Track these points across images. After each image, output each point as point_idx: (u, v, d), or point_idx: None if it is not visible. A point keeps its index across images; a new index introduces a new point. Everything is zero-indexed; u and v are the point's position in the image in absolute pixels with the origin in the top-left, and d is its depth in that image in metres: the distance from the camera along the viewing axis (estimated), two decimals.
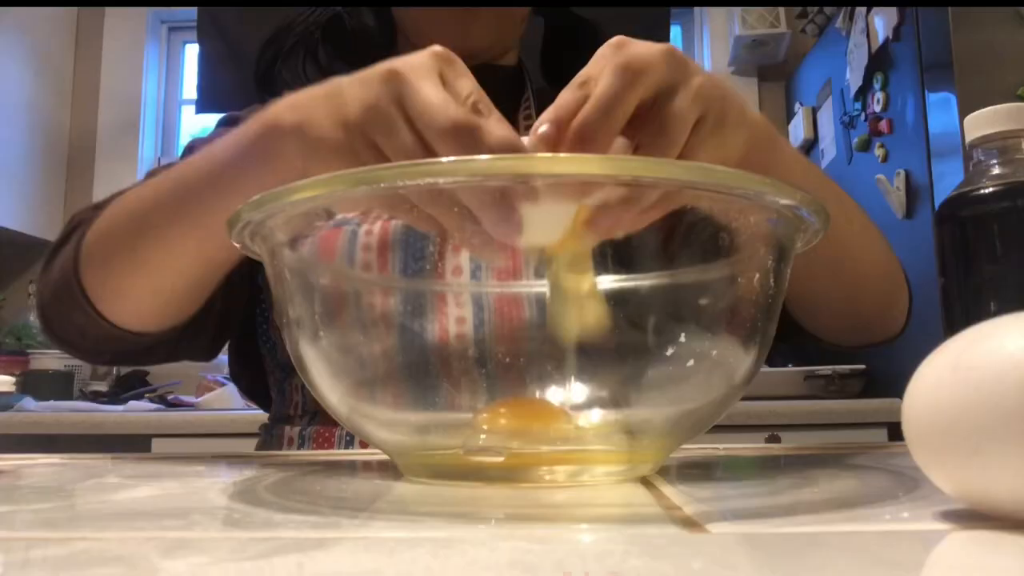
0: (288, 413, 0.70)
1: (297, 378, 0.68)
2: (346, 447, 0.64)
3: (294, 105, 0.43)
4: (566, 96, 0.36)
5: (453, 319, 0.45)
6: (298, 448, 0.66)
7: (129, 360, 0.65)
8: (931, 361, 0.24)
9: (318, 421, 0.67)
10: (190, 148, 0.70)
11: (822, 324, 0.64)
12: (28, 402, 1.69)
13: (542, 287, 0.43)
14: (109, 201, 0.59)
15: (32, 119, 2.19)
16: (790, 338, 0.66)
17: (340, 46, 0.75)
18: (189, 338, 0.62)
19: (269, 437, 0.72)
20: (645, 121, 0.36)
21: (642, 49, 0.36)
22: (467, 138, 0.34)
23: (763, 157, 0.47)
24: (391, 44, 0.76)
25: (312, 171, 0.41)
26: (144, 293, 0.55)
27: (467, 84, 0.37)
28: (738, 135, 0.42)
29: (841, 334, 0.65)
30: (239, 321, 0.70)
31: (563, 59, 0.81)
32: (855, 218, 0.59)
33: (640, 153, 0.36)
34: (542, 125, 0.35)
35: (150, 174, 0.63)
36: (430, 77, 0.36)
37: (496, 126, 0.35)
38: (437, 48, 0.38)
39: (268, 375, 0.74)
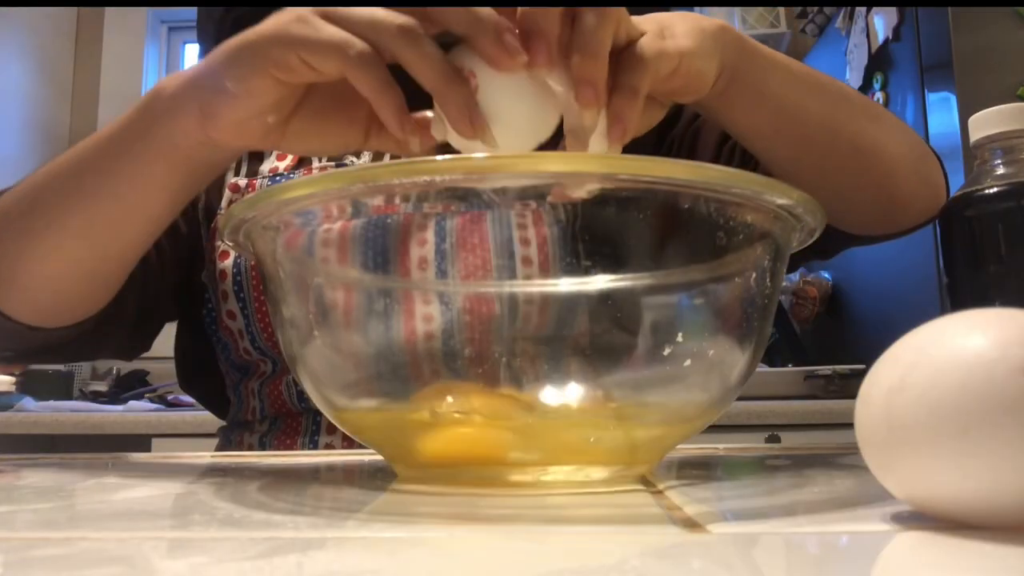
0: (246, 418, 0.67)
1: (253, 381, 0.66)
2: None
3: (201, 63, 0.42)
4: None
5: (421, 317, 0.45)
6: None
7: (35, 357, 0.59)
8: (880, 363, 0.24)
9: (279, 428, 0.64)
10: None
11: (858, 218, 0.61)
12: (28, 402, 1.69)
13: (541, 287, 0.43)
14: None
15: (32, 119, 2.19)
16: (827, 251, 0.64)
17: None
18: (102, 334, 0.57)
19: (227, 442, 0.69)
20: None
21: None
22: (414, 34, 0.36)
23: (746, 63, 0.47)
24: None
25: (214, 113, 0.41)
26: (35, 283, 0.50)
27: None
28: (704, 46, 0.42)
29: (878, 224, 0.62)
30: (163, 322, 0.67)
31: None
32: (863, 108, 0.58)
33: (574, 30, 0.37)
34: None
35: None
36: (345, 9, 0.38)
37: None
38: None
39: (224, 377, 0.70)
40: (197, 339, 0.69)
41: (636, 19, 0.40)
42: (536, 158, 0.31)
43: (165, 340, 0.70)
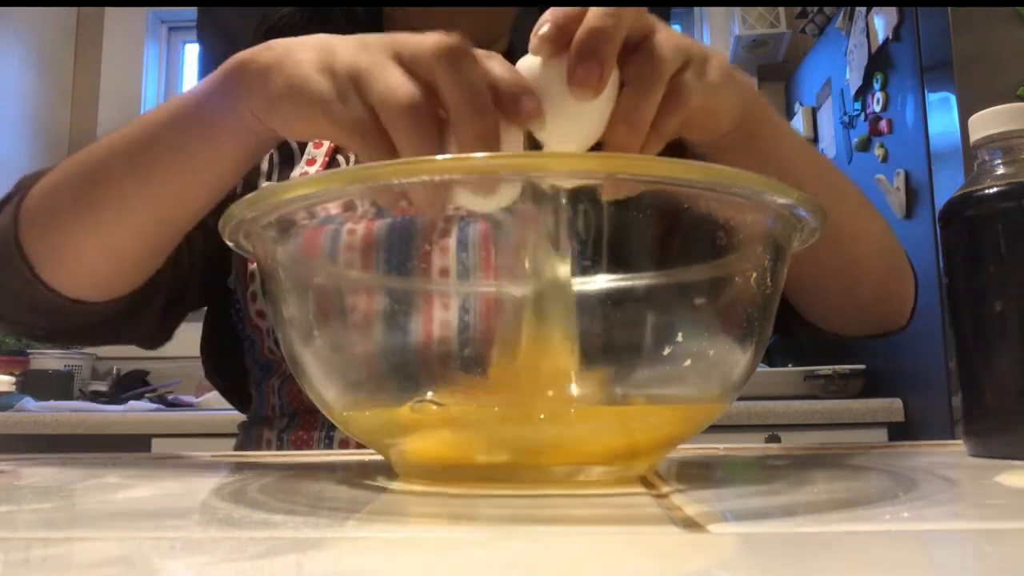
0: (266, 414, 0.69)
1: (274, 379, 0.67)
2: (325, 449, 0.63)
3: (271, 46, 0.42)
4: (563, 8, 0.37)
5: (438, 321, 0.45)
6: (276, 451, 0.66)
7: (66, 337, 0.60)
8: None
9: (297, 424, 0.66)
10: None
11: (821, 311, 0.62)
12: (28, 402, 1.69)
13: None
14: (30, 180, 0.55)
15: (32, 119, 2.19)
16: (789, 329, 0.65)
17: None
18: (133, 316, 0.58)
19: (247, 438, 0.71)
20: (630, 60, 0.38)
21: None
22: (458, 56, 0.36)
23: (760, 126, 0.48)
24: (379, 29, 0.76)
25: (283, 113, 0.41)
26: (91, 254, 0.51)
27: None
28: (728, 89, 0.43)
29: (841, 322, 0.63)
30: (187, 311, 0.68)
31: None
32: (852, 199, 0.58)
33: (627, 88, 0.38)
34: (543, 25, 0.36)
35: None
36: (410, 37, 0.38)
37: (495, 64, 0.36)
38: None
39: (248, 373, 0.72)
40: (224, 334, 0.71)
41: (670, 36, 0.40)
42: (536, 158, 0.31)
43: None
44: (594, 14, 0.36)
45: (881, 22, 1.55)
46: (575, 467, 0.32)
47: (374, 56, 0.38)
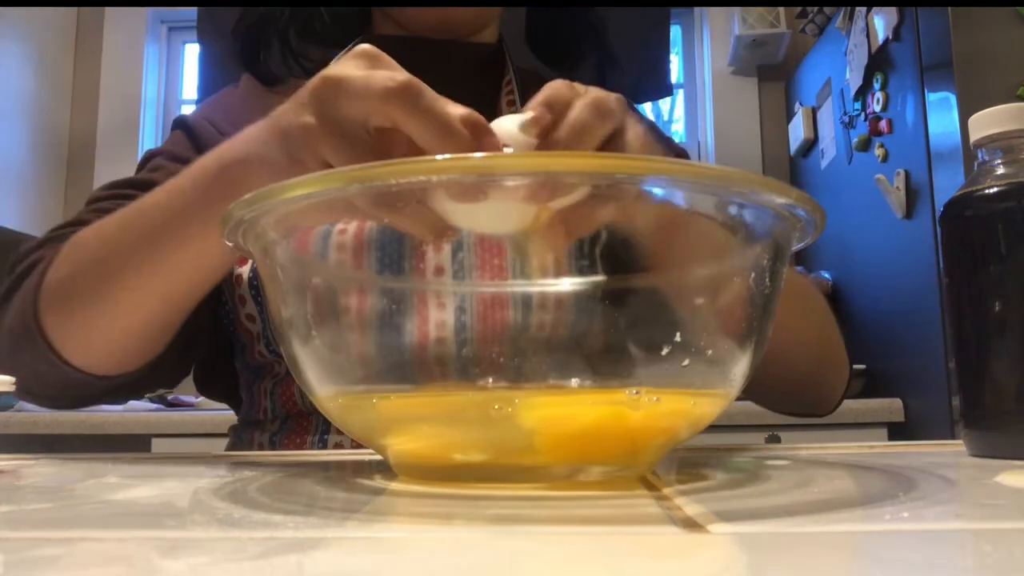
0: (258, 417, 0.68)
1: (267, 382, 0.67)
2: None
3: (247, 140, 0.44)
4: (558, 85, 0.38)
5: (434, 323, 0.45)
6: None
7: (91, 402, 0.62)
8: None
9: (289, 428, 0.65)
10: (147, 159, 0.69)
11: (749, 385, 0.63)
12: None
13: (541, 286, 0.43)
14: (63, 232, 0.57)
15: (32, 119, 2.19)
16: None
17: (309, 28, 0.75)
18: (151, 374, 0.60)
19: (238, 440, 0.70)
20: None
21: (600, 92, 0.39)
22: (414, 93, 0.36)
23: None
24: (367, 19, 0.75)
25: None
26: (110, 336, 0.53)
27: (394, 71, 0.39)
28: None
29: (770, 397, 0.66)
30: (204, 345, 0.68)
31: (548, 31, 0.81)
32: (794, 289, 0.59)
33: None
34: (535, 107, 0.37)
35: (97, 199, 0.61)
36: (358, 67, 0.38)
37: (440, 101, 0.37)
38: (363, 47, 0.40)
39: (239, 376, 0.72)
40: (211, 342, 0.70)
41: (637, 135, 0.41)
42: (535, 157, 0.31)
43: None
44: (583, 108, 0.38)
45: (881, 22, 1.55)
46: (575, 467, 0.32)
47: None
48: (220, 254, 0.49)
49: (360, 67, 0.38)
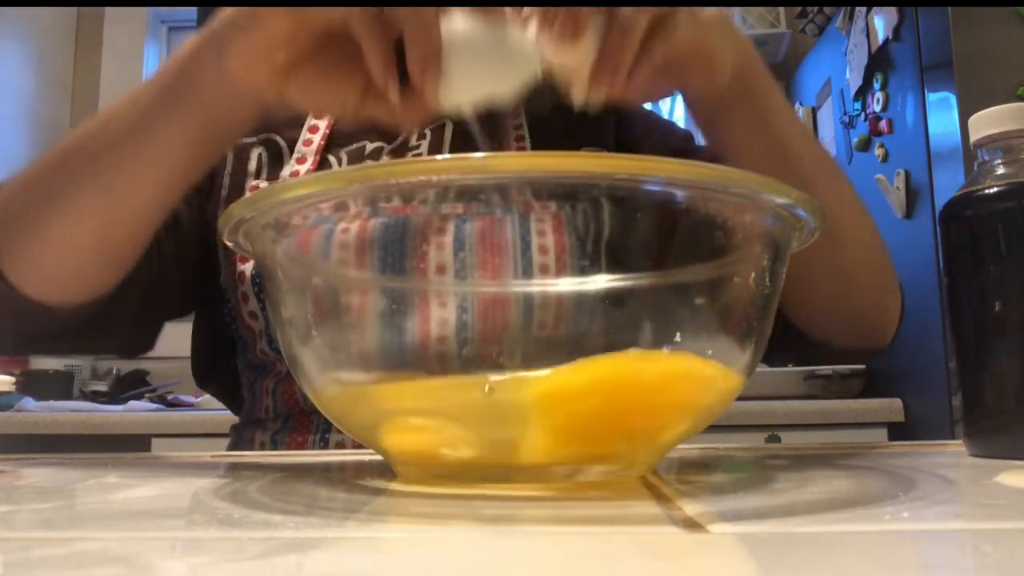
0: (259, 416, 0.68)
1: (268, 380, 0.67)
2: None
3: (202, 34, 0.45)
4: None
5: (436, 321, 0.45)
6: None
7: (36, 344, 0.60)
8: None
9: (291, 427, 0.65)
10: None
11: (810, 317, 0.61)
12: (28, 402, 1.69)
13: (546, 287, 0.43)
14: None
15: (32, 119, 2.19)
16: (777, 339, 0.64)
17: None
18: (102, 325, 0.58)
19: (240, 439, 0.70)
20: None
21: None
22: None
23: (758, 84, 0.50)
24: None
25: (228, 43, 0.43)
26: (53, 255, 0.50)
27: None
28: (723, 34, 0.46)
29: (832, 329, 0.63)
30: (165, 319, 0.67)
31: None
32: (848, 191, 0.58)
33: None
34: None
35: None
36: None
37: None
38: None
39: (240, 374, 0.71)
40: (213, 337, 0.70)
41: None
42: (534, 157, 0.31)
43: (166, 340, 0.71)
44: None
45: (881, 22, 1.55)
46: (575, 467, 0.32)
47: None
48: (161, 168, 0.48)
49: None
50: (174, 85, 0.46)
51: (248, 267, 0.64)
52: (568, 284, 0.45)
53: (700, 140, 0.63)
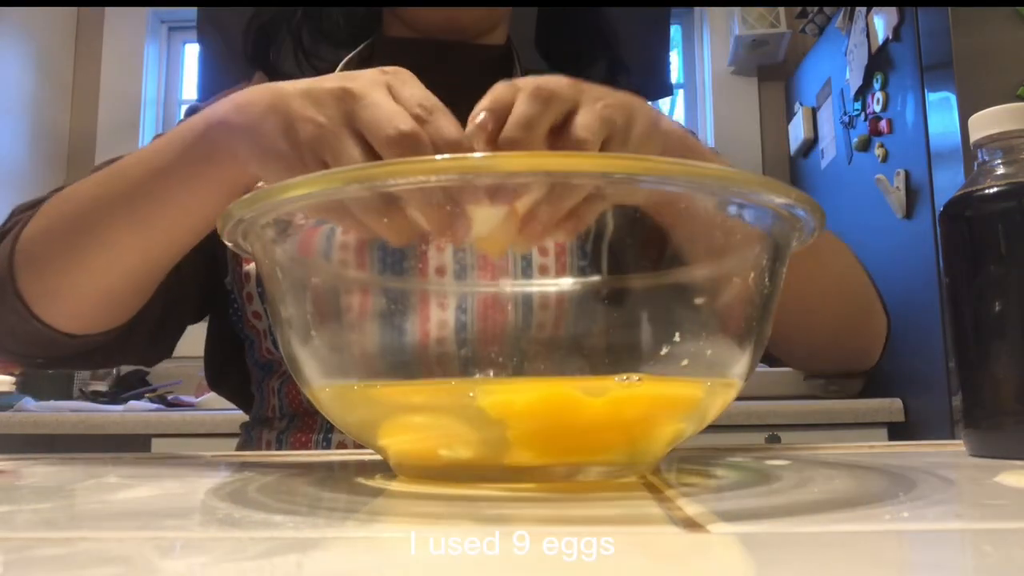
0: (267, 415, 0.69)
1: (274, 380, 0.67)
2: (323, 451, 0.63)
3: (241, 108, 0.43)
4: (500, 88, 0.38)
5: (436, 321, 0.45)
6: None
7: (63, 364, 0.62)
8: None
9: (295, 426, 0.66)
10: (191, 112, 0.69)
11: (782, 347, 0.62)
12: (28, 402, 1.69)
13: (546, 288, 0.43)
14: (49, 197, 0.56)
15: (32, 119, 2.19)
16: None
17: (322, 29, 0.75)
18: (124, 341, 0.59)
19: (248, 439, 0.71)
20: (558, 141, 0.38)
21: (541, 79, 0.39)
22: (413, 146, 0.36)
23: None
24: (377, 20, 0.76)
25: (263, 175, 0.43)
26: (84, 293, 0.53)
27: (416, 91, 0.39)
28: (650, 146, 0.43)
29: (801, 359, 0.64)
30: (184, 325, 0.68)
31: (557, 35, 0.81)
32: (829, 239, 0.58)
33: None
34: (479, 114, 0.37)
35: (95, 169, 0.60)
36: (378, 90, 0.38)
37: (445, 126, 0.37)
38: (384, 68, 0.41)
39: (251, 373, 0.72)
40: (225, 338, 0.71)
41: (591, 110, 0.40)
42: (534, 157, 0.31)
43: None
44: (523, 100, 0.37)
45: (881, 22, 1.54)
46: (575, 467, 0.32)
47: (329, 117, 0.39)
48: (197, 217, 0.49)
49: (381, 84, 0.39)
50: (207, 167, 0.46)
51: (253, 268, 0.65)
52: (568, 284, 0.45)
53: (699, 138, 0.62)
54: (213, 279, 0.68)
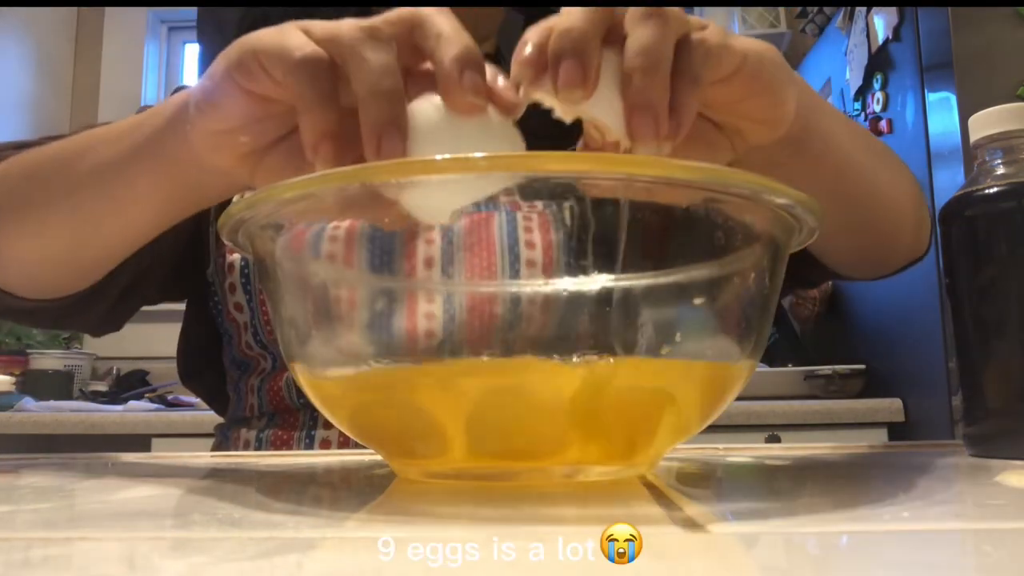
0: (244, 415, 0.67)
1: (253, 378, 0.66)
2: (306, 450, 0.62)
3: (208, 74, 0.39)
4: (542, 24, 0.34)
5: (423, 315, 0.45)
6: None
7: (11, 317, 0.58)
8: None
9: (276, 424, 0.65)
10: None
11: (849, 262, 0.60)
12: (28, 402, 1.69)
13: (542, 287, 0.43)
14: (7, 153, 0.54)
15: (32, 119, 2.19)
16: (802, 276, 0.62)
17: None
18: (83, 308, 0.57)
19: (223, 439, 0.70)
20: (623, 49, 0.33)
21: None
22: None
23: (816, 111, 0.44)
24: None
25: (192, 120, 0.39)
26: (29, 259, 0.50)
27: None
28: (780, 71, 0.37)
29: (868, 268, 0.62)
30: (140, 305, 0.65)
31: None
32: (891, 160, 0.58)
33: (628, 38, 0.33)
34: (525, 47, 0.33)
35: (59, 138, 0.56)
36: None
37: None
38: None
39: (227, 373, 0.71)
40: (200, 333, 0.70)
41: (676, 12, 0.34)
42: (534, 157, 0.31)
43: (165, 340, 0.71)
44: (567, 15, 0.32)
45: (881, 22, 1.54)
46: (575, 467, 0.32)
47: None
48: (140, 207, 0.46)
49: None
50: (152, 142, 0.43)
51: (237, 258, 0.64)
52: (569, 285, 0.45)
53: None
54: (191, 263, 0.66)
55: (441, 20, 0.34)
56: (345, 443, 0.62)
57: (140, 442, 1.57)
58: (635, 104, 0.32)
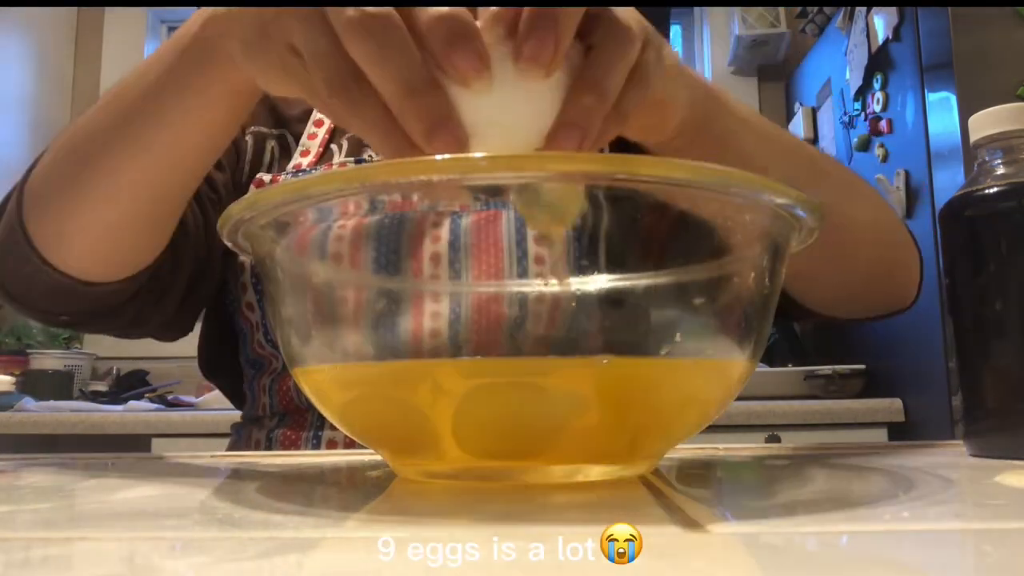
0: (257, 414, 0.68)
1: (265, 377, 0.67)
2: (312, 450, 0.62)
3: (215, 12, 0.39)
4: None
5: (430, 313, 0.45)
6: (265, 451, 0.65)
7: (89, 320, 0.57)
8: None
9: (285, 424, 0.65)
10: None
11: (815, 297, 0.60)
12: (28, 402, 1.69)
13: (548, 287, 0.43)
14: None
15: (32, 119, 2.19)
16: (789, 317, 0.63)
17: None
18: (153, 298, 0.57)
19: (238, 439, 0.70)
20: (591, 29, 0.33)
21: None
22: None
23: (712, 123, 0.45)
24: None
25: (257, 76, 0.38)
26: (91, 232, 0.50)
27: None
28: (679, 82, 0.41)
29: (836, 307, 0.61)
30: (210, 297, 0.66)
31: None
32: (832, 185, 0.56)
33: (594, 52, 0.33)
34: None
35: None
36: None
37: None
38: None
39: (243, 372, 0.71)
40: (220, 327, 0.70)
41: (628, 10, 0.36)
42: (535, 158, 0.31)
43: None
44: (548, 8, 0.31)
45: (881, 22, 1.55)
46: (575, 467, 0.32)
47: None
48: (198, 134, 0.45)
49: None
50: (198, 78, 0.42)
51: (247, 257, 0.64)
52: (572, 284, 0.45)
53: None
54: (229, 255, 0.66)
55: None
56: (351, 444, 0.62)
57: (140, 442, 1.57)
58: (570, 122, 0.32)
